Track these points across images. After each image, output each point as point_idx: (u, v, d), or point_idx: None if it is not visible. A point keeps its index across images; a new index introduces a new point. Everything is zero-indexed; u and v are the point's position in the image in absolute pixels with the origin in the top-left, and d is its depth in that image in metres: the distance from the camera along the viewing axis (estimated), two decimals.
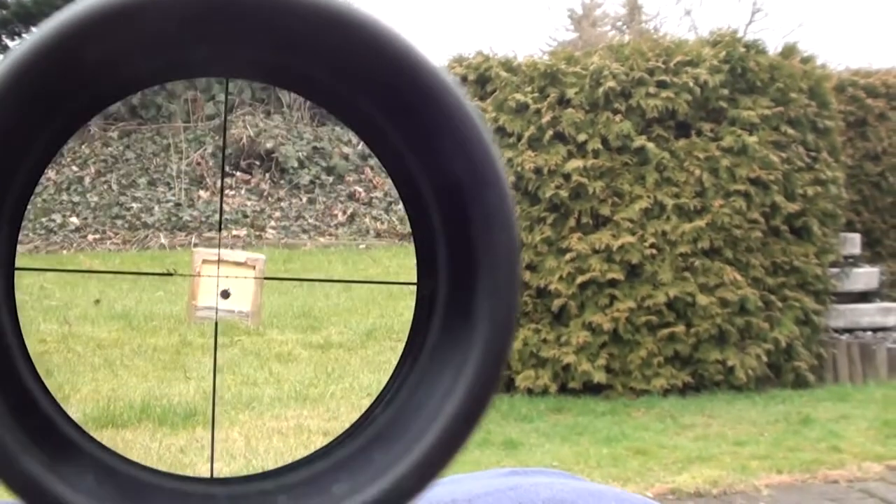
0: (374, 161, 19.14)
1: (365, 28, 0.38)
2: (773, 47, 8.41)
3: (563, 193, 7.78)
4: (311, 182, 18.77)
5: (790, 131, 8.07)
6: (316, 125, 19.21)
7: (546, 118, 7.83)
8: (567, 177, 7.79)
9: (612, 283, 7.79)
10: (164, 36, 0.37)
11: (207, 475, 0.45)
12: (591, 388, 7.80)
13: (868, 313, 8.99)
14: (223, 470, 5.92)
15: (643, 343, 7.78)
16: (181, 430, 6.76)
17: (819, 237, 8.24)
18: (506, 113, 7.96)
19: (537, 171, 7.81)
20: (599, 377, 7.73)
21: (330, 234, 17.86)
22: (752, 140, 7.88)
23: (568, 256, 7.78)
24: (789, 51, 8.41)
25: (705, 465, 6.21)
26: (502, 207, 0.39)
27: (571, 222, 7.83)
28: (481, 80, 8.20)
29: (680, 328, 7.80)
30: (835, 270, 8.62)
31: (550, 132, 7.84)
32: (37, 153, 0.40)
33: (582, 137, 7.83)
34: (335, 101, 0.43)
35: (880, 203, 9.83)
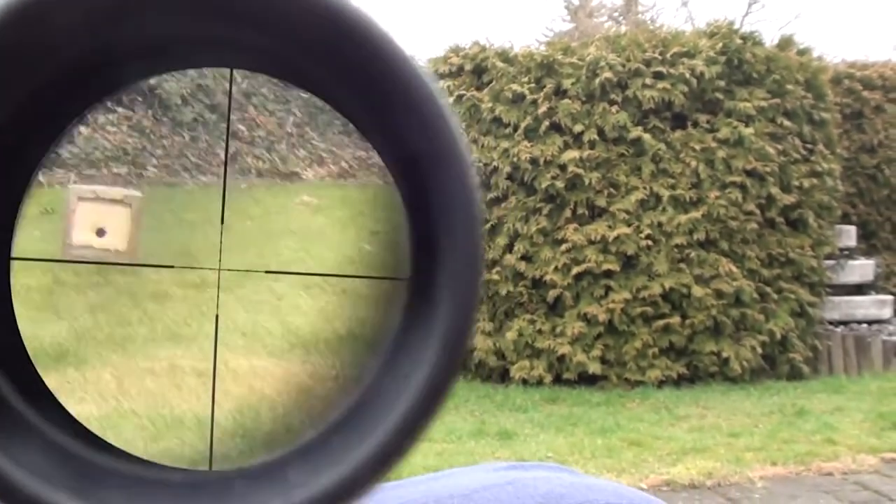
0: (256, 99, 19.21)
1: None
2: (770, 39, 8.41)
3: (559, 184, 7.77)
4: (194, 120, 18.69)
5: (786, 123, 8.07)
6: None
7: (542, 109, 7.83)
8: (563, 167, 7.78)
9: (608, 274, 7.79)
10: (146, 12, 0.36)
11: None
12: (586, 379, 7.81)
13: (863, 305, 9.00)
14: (93, 411, 5.92)
15: (638, 334, 7.79)
16: (52, 371, 6.73)
17: (815, 229, 8.25)
18: (502, 103, 7.95)
19: (533, 161, 7.80)
20: (594, 368, 7.73)
21: (212, 174, 17.78)
22: (748, 132, 7.87)
23: (563, 247, 7.78)
24: (786, 42, 8.41)
25: (700, 457, 6.21)
26: (462, 183, 0.37)
27: (567, 213, 7.82)
28: (478, 70, 8.18)
29: (675, 319, 7.81)
30: (830, 263, 8.63)
31: (547, 123, 7.83)
32: (42, 138, 0.39)
33: (578, 128, 7.82)
34: (297, 77, 0.41)
35: (876, 195, 9.84)
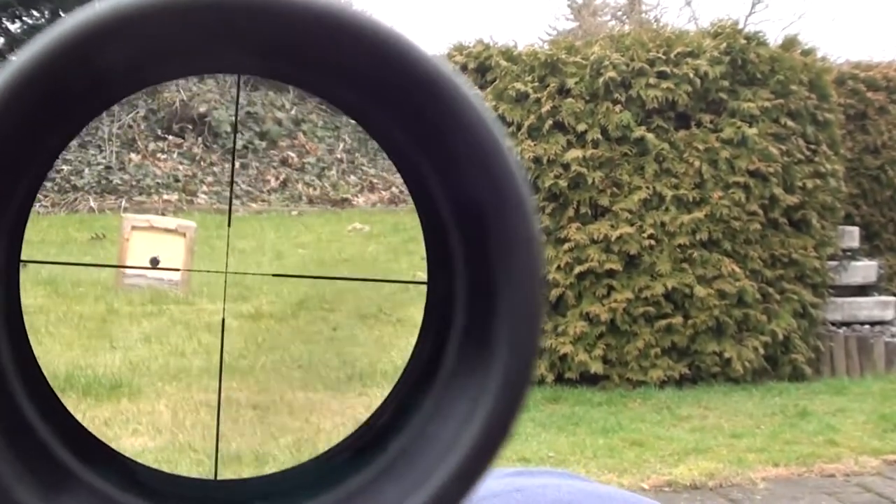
0: (306, 126, 19.10)
1: (376, 36, 0.36)
2: (774, 39, 8.41)
3: (562, 183, 7.77)
4: (244, 147, 18.69)
5: (790, 124, 8.06)
6: (249, 90, 19.07)
7: (546, 108, 7.82)
8: (566, 167, 7.77)
9: (610, 274, 7.79)
10: (178, 39, 0.36)
11: (208, 478, 0.44)
12: (588, 379, 7.80)
13: (866, 307, 8.99)
14: (148, 444, 5.87)
15: (640, 334, 7.78)
16: (106, 401, 6.64)
17: (818, 230, 8.24)
18: (505, 102, 7.94)
19: (536, 160, 7.79)
20: (596, 368, 7.73)
21: (262, 200, 17.78)
22: (751, 132, 7.87)
23: (566, 246, 7.77)
24: (790, 43, 8.40)
25: (702, 457, 6.20)
26: (525, 231, 0.37)
27: (570, 212, 7.82)
28: (481, 68, 8.18)
29: (677, 319, 7.80)
30: (833, 263, 8.62)
31: (550, 122, 7.83)
32: (43, 156, 0.39)
33: (581, 127, 7.81)
34: (354, 113, 0.41)
35: (879, 196, 9.82)
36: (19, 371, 0.40)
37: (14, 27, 19.65)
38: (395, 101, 0.38)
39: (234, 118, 18.61)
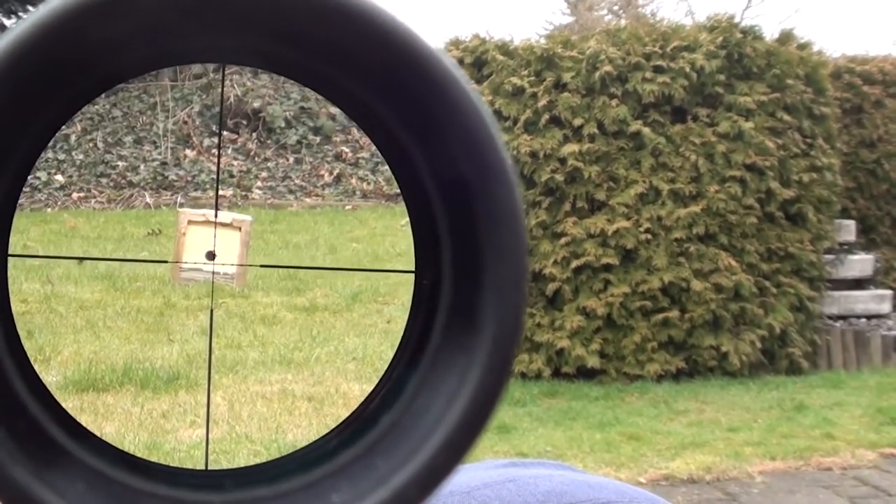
0: None
1: (364, 15, 0.36)
2: (770, 33, 8.40)
3: (559, 177, 7.77)
4: (298, 142, 18.72)
5: (786, 117, 8.06)
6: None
7: (542, 102, 7.81)
8: (563, 161, 7.77)
9: (607, 268, 7.79)
10: (166, 21, 0.36)
11: (203, 468, 0.44)
12: (585, 373, 7.80)
13: (862, 300, 9.00)
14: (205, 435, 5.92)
15: (637, 328, 7.78)
16: (163, 394, 6.69)
17: (814, 224, 8.24)
18: (502, 96, 7.94)
19: (533, 155, 7.79)
20: (593, 362, 7.73)
21: (316, 195, 17.83)
22: (748, 126, 7.87)
23: (563, 241, 7.77)
24: (786, 37, 8.39)
25: (699, 451, 6.21)
26: (510, 207, 0.38)
27: (567, 206, 7.82)
28: (478, 63, 8.17)
29: (674, 313, 7.80)
30: (829, 257, 8.62)
31: (546, 116, 7.82)
32: (33, 136, 0.39)
33: (578, 122, 7.81)
34: (335, 91, 0.41)
35: (875, 190, 9.82)
36: (9, 349, 0.40)
37: (9, 23, 19.60)
38: (376, 77, 0.38)
39: (287, 113, 18.69)
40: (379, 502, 0.38)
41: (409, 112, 0.38)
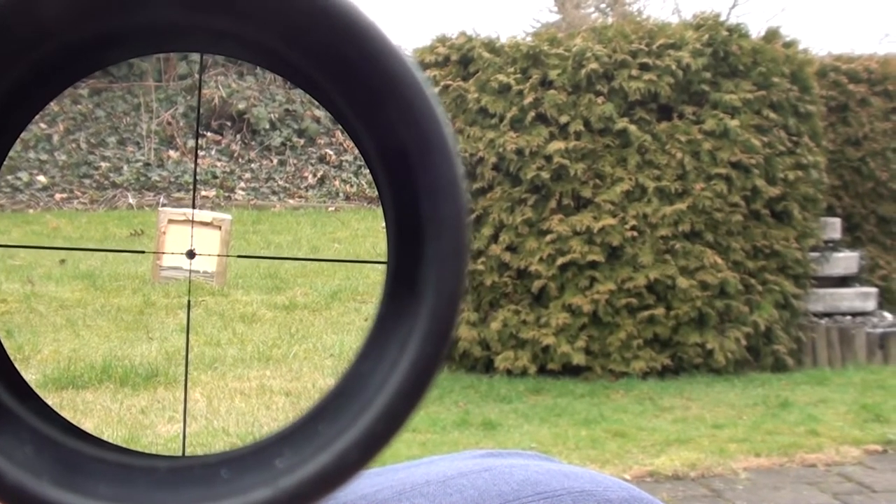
0: None
1: None
2: (756, 31, 8.44)
3: (545, 175, 7.77)
4: (283, 144, 18.76)
5: (772, 115, 8.08)
6: (289, 87, 19.17)
7: (528, 99, 7.82)
8: (549, 158, 7.78)
9: (593, 265, 7.80)
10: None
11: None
12: (571, 370, 7.81)
13: (847, 298, 9.02)
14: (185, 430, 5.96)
15: (623, 325, 7.80)
16: (143, 390, 6.77)
17: (799, 221, 8.26)
18: (488, 94, 7.94)
19: (519, 152, 7.79)
20: (579, 359, 7.74)
21: (300, 196, 17.88)
22: (733, 124, 7.88)
23: (548, 238, 7.78)
24: (772, 35, 8.41)
25: (684, 448, 6.22)
26: (449, 175, 0.38)
27: (552, 204, 7.82)
28: (464, 60, 8.17)
29: (660, 311, 7.82)
30: (815, 255, 8.65)
31: (532, 113, 7.83)
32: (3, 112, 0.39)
33: (564, 119, 7.82)
34: (283, 66, 0.42)
35: (861, 188, 9.85)
36: None
37: None
38: (320, 51, 0.38)
39: (272, 115, 18.73)
40: (320, 466, 0.38)
41: (350, 84, 0.39)
